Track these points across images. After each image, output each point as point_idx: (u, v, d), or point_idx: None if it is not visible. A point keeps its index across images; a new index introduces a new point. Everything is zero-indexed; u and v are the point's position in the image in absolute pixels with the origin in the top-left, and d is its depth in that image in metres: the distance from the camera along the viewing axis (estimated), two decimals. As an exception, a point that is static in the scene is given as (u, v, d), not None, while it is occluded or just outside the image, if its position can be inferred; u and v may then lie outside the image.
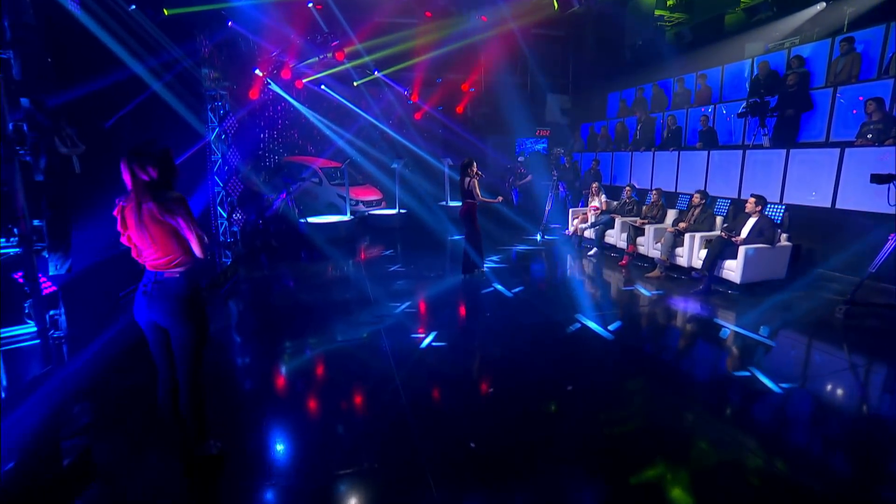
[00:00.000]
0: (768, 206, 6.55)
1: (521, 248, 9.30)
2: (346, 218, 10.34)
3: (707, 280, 6.30)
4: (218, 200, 8.87)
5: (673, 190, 9.54)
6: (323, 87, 12.88)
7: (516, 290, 6.56)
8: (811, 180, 7.07)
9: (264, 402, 3.78)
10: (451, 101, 14.41)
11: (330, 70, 12.49)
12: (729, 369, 4.26)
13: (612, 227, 8.53)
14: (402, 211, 11.52)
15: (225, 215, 8.94)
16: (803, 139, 7.93)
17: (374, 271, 7.66)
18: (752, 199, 6.31)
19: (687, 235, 6.87)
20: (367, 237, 10.73)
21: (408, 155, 13.21)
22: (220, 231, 8.94)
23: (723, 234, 6.38)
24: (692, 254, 6.83)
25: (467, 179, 6.59)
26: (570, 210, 9.91)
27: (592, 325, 5.22)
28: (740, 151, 8.21)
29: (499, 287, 6.66)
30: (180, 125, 7.06)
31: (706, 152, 8.84)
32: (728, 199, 7.92)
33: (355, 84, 13.28)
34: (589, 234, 9.14)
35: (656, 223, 7.88)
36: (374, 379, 4.11)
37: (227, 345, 4.99)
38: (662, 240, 7.14)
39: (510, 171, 12.71)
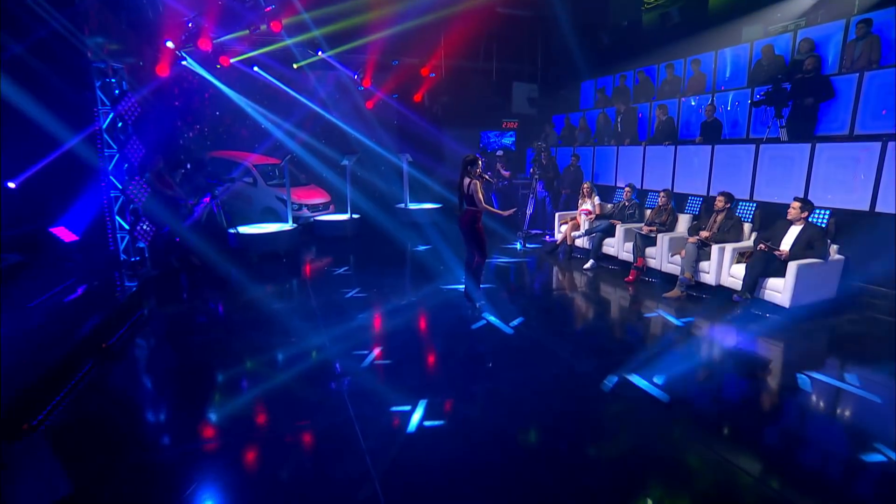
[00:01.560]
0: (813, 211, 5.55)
1: (500, 260, 7.99)
2: (288, 226, 8.65)
3: (747, 304, 5.22)
4: (116, 208, 6.98)
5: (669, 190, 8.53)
6: (256, 68, 11.02)
7: (515, 322, 5.22)
8: (843, 179, 6.18)
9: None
10: (409, 88, 12.91)
11: (265, 48, 10.66)
12: (851, 449, 3.10)
13: (612, 236, 7.38)
14: (354, 216, 9.93)
15: (127, 227, 7.05)
16: (822, 132, 7.09)
17: (325, 299, 6.09)
18: (797, 204, 5.29)
19: (715, 247, 5.78)
20: (314, 249, 9.08)
21: (360, 150, 11.61)
22: (122, 248, 7.05)
23: (762, 245, 5.33)
24: (721, 270, 5.75)
25: (467, 181, 5.25)
26: (557, 214, 8.71)
27: (635, 378, 3.95)
28: (752, 146, 7.27)
29: (492, 319, 5.30)
30: (47, 107, 5.18)
31: (709, 147, 7.87)
32: (752, 202, 6.94)
33: (296, 66, 11.50)
34: (581, 242, 7.96)
35: (667, 230, 6.79)
36: (341, 499, 2.63)
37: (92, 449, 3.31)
38: (682, 253, 6.03)
39: (486, 164, 11.36)
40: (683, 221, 6.90)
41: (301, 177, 11.06)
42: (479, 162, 5.24)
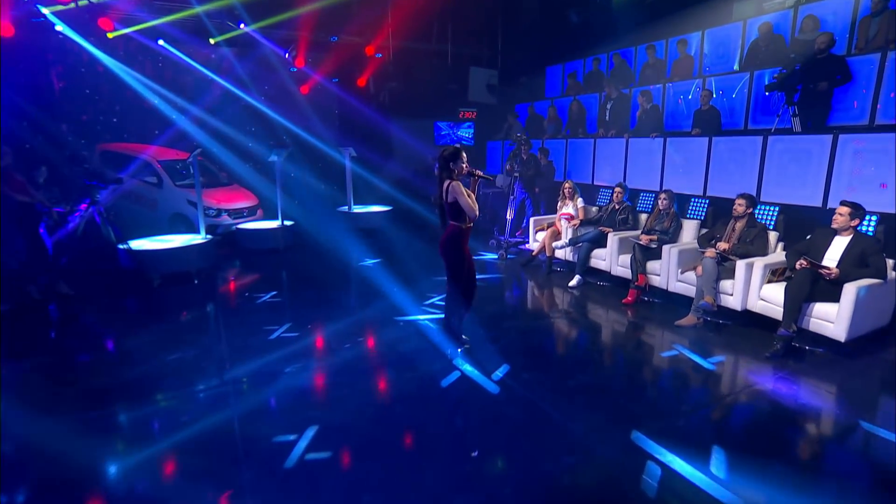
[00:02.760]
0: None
1: (489, 278, 6.73)
2: (200, 238, 7.05)
3: (786, 340, 4.21)
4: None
5: (657, 189, 7.58)
6: (161, 42, 9.25)
7: (499, 372, 3.99)
8: (875, 177, 5.34)
9: None
10: (351, 71, 11.41)
11: (171, 16, 8.93)
12: None
13: (602, 246, 6.30)
14: (287, 223, 8.41)
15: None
16: (834, 122, 6.29)
17: (242, 341, 4.63)
18: (846, 210, 4.34)
19: (740, 264, 4.76)
20: (236, 267, 7.52)
21: (293, 143, 10.07)
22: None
23: (803, 262, 4.34)
24: (748, 291, 4.75)
25: (447, 184, 3.88)
26: (532, 220, 7.56)
27: (683, 467, 2.80)
28: (758, 139, 6.38)
29: (469, 370, 4.03)
30: None
31: (706, 139, 6.94)
32: (774, 205, 6.02)
33: (213, 41, 9.79)
34: (564, 254, 6.84)
35: (670, 240, 5.76)
36: None
37: None
38: (698, 269, 4.99)
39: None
40: (689, 229, 5.90)
41: (221, 175, 9.38)
42: (463, 155, 3.91)
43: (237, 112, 10.49)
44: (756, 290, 4.68)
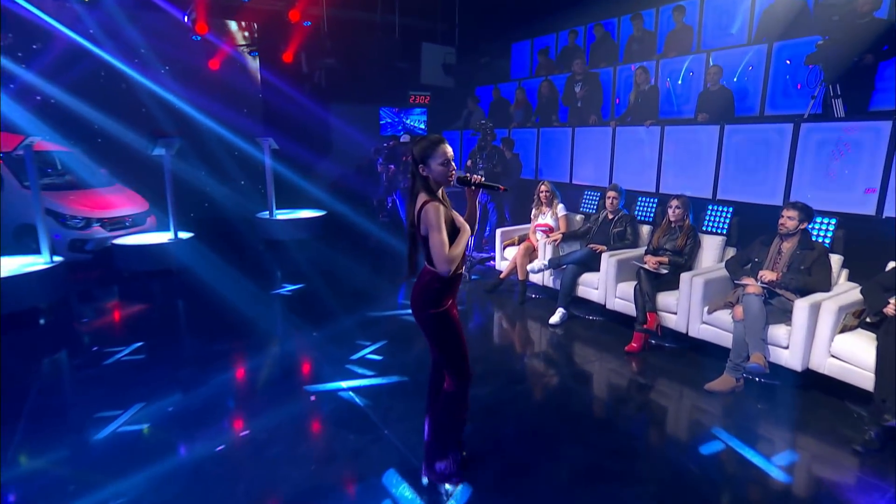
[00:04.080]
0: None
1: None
2: (43, 262, 5.27)
3: (881, 424, 2.90)
4: None
5: (653, 191, 6.27)
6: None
7: (460, 497, 2.51)
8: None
9: None
10: (274, 44, 9.63)
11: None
12: None
13: (595, 270, 4.90)
14: (181, 236, 6.66)
15: None
16: (878, 105, 5.10)
17: (63, 441, 2.97)
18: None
19: (801, 305, 3.43)
20: (97, 300, 5.78)
21: (196, 131, 8.28)
22: None
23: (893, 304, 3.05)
24: (811, 345, 3.43)
25: (420, 204, 2.24)
26: (498, 232, 6.10)
27: None
28: (786, 126, 5.12)
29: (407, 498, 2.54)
30: None
31: (715, 128, 5.65)
32: (831, 217, 4.74)
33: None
34: (541, 278, 5.43)
35: (685, 263, 4.42)
36: None
37: None
38: (737, 311, 3.64)
39: (387, 154, 8.47)
40: (710, 248, 4.57)
41: (100, 172, 7.50)
42: (445, 150, 2.25)
43: (123, 91, 8.56)
44: (824, 342, 3.36)
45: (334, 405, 3.49)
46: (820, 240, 4.00)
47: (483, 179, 2.36)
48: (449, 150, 2.29)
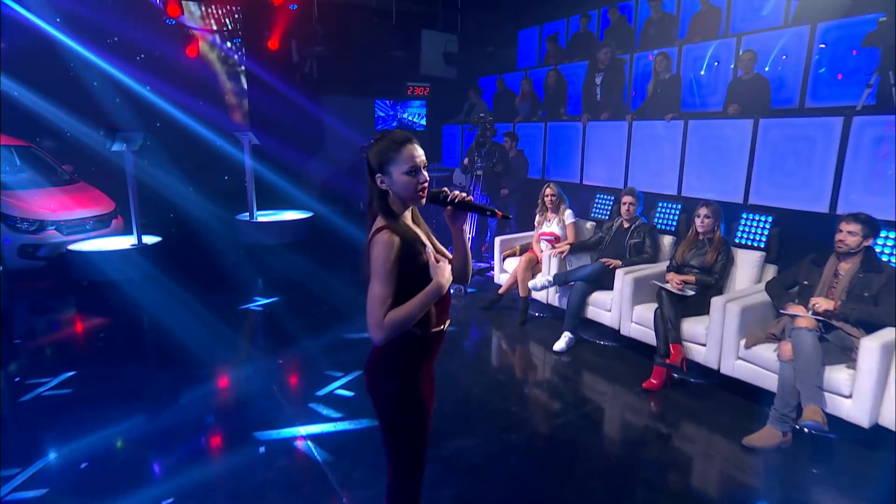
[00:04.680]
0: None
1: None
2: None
3: None
4: None
5: (674, 194, 5.61)
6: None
7: None
8: None
9: None
10: (258, 29, 9.03)
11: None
12: None
13: (608, 288, 4.25)
14: (146, 241, 6.10)
15: None
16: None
17: None
18: None
19: (868, 346, 2.77)
20: (38, 316, 5.23)
21: (171, 125, 7.68)
22: None
23: None
24: (882, 394, 2.77)
25: (373, 231, 1.62)
26: (497, 241, 5.46)
27: None
28: (835, 121, 4.44)
29: None
30: None
31: (748, 123, 4.98)
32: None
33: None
34: (545, 295, 4.79)
35: (714, 285, 3.77)
36: None
37: None
38: (783, 349, 2.99)
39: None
40: (745, 265, 3.90)
41: (59, 170, 6.94)
42: (413, 153, 1.61)
43: (91, 82, 7.97)
44: (897, 392, 2.71)
45: (286, 460, 2.89)
46: (886, 258, 3.33)
47: (471, 199, 1.70)
48: (418, 152, 1.63)
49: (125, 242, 6.07)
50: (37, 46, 7.41)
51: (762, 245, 4.03)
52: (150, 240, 6.18)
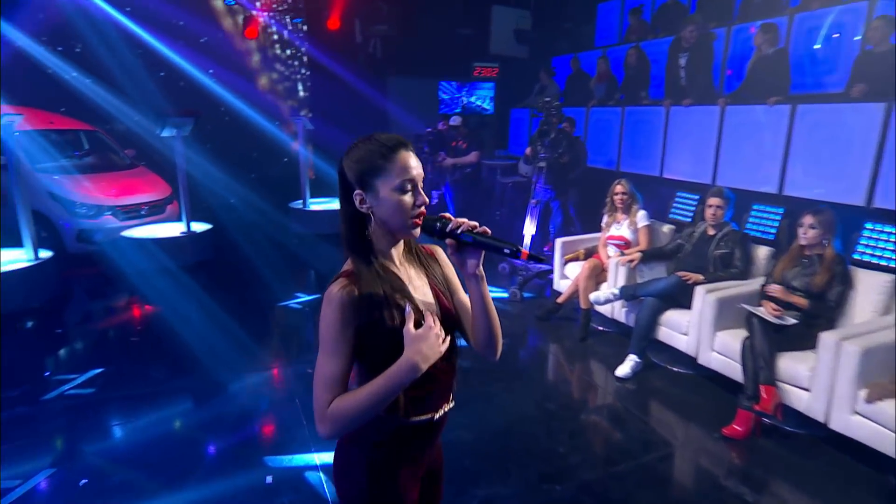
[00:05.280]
0: None
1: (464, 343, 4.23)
2: (25, 260, 4.79)
3: None
4: None
5: (774, 192, 4.78)
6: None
7: None
8: None
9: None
10: (318, 7, 8.79)
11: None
12: None
13: (684, 307, 3.62)
14: (195, 229, 6.07)
15: None
16: None
17: None
18: None
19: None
20: (89, 307, 5.26)
21: (227, 108, 7.64)
22: None
23: None
24: None
25: (334, 279, 1.19)
26: (558, 243, 4.90)
27: None
28: None
29: None
30: None
31: (880, 107, 4.09)
32: None
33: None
34: (610, 309, 4.21)
35: (826, 317, 3.06)
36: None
37: None
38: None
39: (431, 141, 7.46)
40: (870, 290, 3.13)
41: (121, 154, 7.08)
42: (407, 162, 1.19)
43: (155, 66, 8.06)
44: None
45: (293, 496, 2.58)
46: None
47: (484, 228, 1.18)
48: (414, 162, 1.20)
49: (175, 230, 6.07)
50: (103, 32, 7.56)
51: (893, 264, 3.24)
52: (199, 227, 6.14)
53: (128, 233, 5.95)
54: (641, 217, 4.25)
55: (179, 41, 7.96)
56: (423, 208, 1.22)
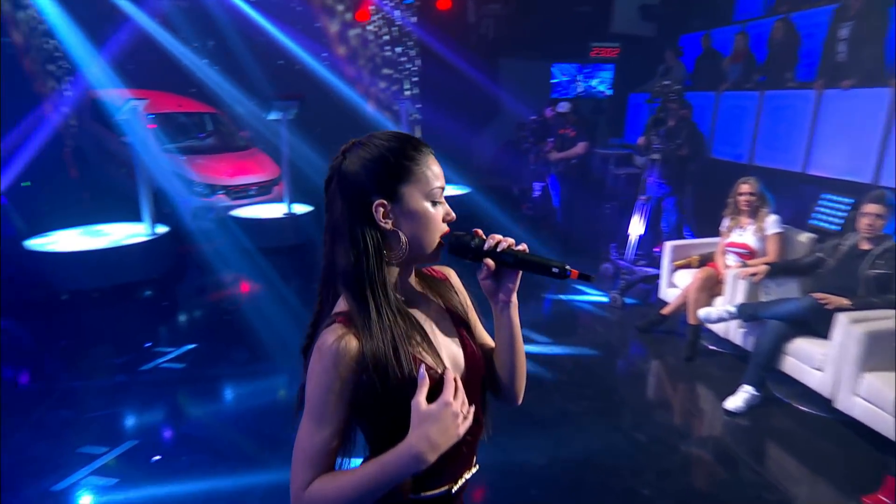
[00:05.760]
0: None
1: (559, 349, 3.90)
2: (144, 234, 5.19)
3: None
4: None
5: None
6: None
7: None
8: None
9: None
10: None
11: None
12: None
13: (820, 335, 2.99)
14: (295, 211, 6.24)
15: None
16: None
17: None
18: None
19: None
20: (197, 282, 5.56)
21: (332, 92, 7.72)
22: None
23: None
24: None
25: (326, 325, 0.94)
26: (668, 247, 4.34)
27: None
28: None
29: None
30: None
31: None
32: None
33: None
34: (724, 329, 3.64)
35: None
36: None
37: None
38: None
39: (535, 129, 7.06)
40: None
41: (238, 136, 7.48)
42: (426, 168, 0.95)
43: (259, 48, 8.35)
44: None
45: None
46: None
47: (523, 247, 0.95)
48: (439, 168, 0.97)
49: (278, 211, 6.29)
50: (222, 18, 7.99)
51: None
52: (300, 209, 6.32)
53: (235, 212, 6.27)
54: (772, 223, 3.60)
55: (296, 26, 8.22)
56: (446, 227, 0.98)
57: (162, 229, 5.34)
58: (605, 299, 4.77)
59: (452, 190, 7.53)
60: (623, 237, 4.98)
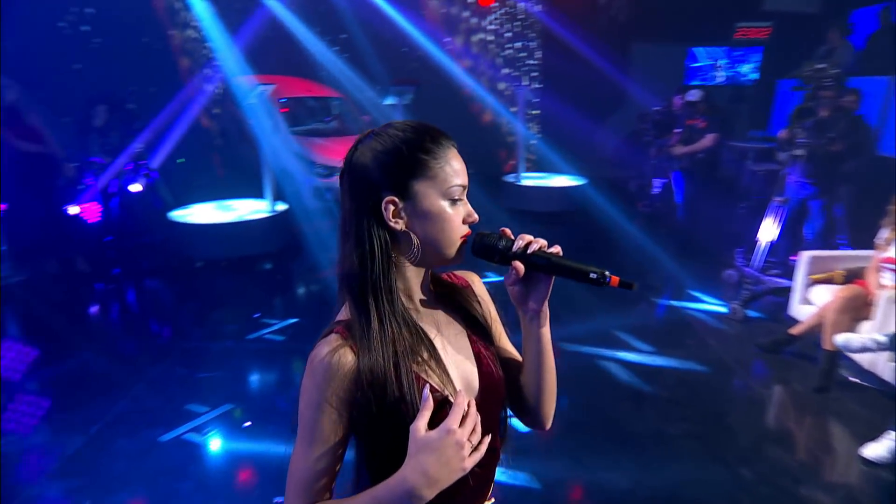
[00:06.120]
0: None
1: (672, 362, 3.60)
2: (265, 211, 5.60)
3: None
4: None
5: None
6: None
7: None
8: None
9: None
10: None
11: None
12: None
13: None
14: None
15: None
16: None
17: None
18: None
19: None
20: (303, 262, 5.88)
21: (442, 79, 7.66)
22: None
23: None
24: None
25: (324, 335, 0.86)
26: (805, 255, 3.76)
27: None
28: None
29: None
30: None
31: None
32: None
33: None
34: (870, 360, 3.08)
35: None
36: None
37: None
38: None
39: (658, 121, 6.51)
40: None
41: (360, 120, 7.77)
42: (446, 162, 0.85)
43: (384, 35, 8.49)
44: None
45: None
46: None
47: (556, 249, 0.86)
48: (461, 164, 0.87)
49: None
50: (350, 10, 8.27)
51: None
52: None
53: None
54: (947, 237, 2.97)
55: (420, 12, 8.31)
56: (467, 228, 0.88)
57: (281, 207, 5.72)
58: (724, 310, 4.29)
59: (567, 181, 7.22)
60: (752, 242, 4.41)
